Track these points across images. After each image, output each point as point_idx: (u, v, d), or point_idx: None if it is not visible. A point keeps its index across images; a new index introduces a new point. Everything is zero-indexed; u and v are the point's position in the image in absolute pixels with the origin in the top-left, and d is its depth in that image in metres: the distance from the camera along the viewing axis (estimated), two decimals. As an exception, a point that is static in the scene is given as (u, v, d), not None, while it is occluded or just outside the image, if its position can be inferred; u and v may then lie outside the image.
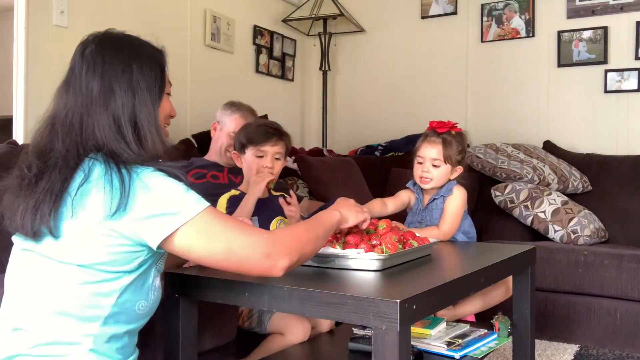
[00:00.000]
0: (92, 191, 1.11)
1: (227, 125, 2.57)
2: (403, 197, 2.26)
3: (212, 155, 2.59)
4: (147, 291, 1.20)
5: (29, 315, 1.13)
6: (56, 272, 1.12)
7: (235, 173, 2.58)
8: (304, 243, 1.23)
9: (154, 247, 1.13)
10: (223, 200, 2.01)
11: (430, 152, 2.13)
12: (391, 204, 2.20)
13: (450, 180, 2.17)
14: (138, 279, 1.17)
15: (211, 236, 1.15)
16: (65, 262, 1.12)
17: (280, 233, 1.25)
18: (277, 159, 2.02)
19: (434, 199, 2.17)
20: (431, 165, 2.12)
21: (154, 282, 1.22)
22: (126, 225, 1.11)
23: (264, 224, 2.03)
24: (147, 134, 1.20)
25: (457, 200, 2.13)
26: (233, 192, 2.06)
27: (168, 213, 1.11)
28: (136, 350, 1.26)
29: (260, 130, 2.01)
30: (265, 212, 2.04)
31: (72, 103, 1.19)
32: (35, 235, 1.11)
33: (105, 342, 1.15)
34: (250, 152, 2.00)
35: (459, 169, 2.16)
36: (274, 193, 2.11)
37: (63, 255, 1.12)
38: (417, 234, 1.67)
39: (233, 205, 1.99)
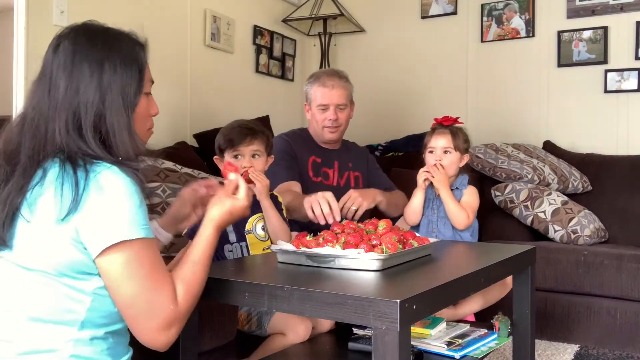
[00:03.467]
0: (44, 194, 1.07)
1: (313, 101, 2.59)
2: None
3: (318, 140, 2.63)
4: None
5: (6, 325, 1.10)
6: (25, 278, 1.09)
7: (345, 161, 2.63)
8: (196, 299, 1.17)
9: (93, 257, 1.07)
10: None
11: (440, 142, 2.28)
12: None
13: (459, 168, 2.31)
14: None
15: (131, 273, 1.07)
16: (30, 268, 1.09)
17: (185, 303, 1.13)
18: (255, 156, 2.00)
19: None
20: (442, 153, 2.28)
21: None
22: (77, 227, 1.05)
23: (241, 222, 2.00)
24: (116, 141, 1.13)
25: (474, 196, 2.28)
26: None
27: (112, 224, 1.05)
28: (129, 350, 1.23)
29: (235, 132, 2.00)
30: None
31: (40, 103, 1.13)
32: (1, 242, 1.09)
33: (86, 345, 1.11)
34: (228, 156, 1.99)
35: (467, 157, 2.33)
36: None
37: (26, 261, 1.09)
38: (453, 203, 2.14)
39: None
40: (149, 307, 1.08)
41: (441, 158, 2.26)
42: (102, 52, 1.14)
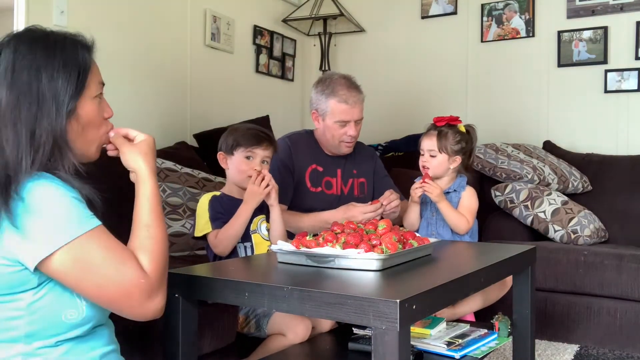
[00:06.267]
0: None
1: (329, 115, 2.46)
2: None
3: (327, 149, 2.56)
4: (73, 299, 1.10)
5: None
6: None
7: (349, 169, 2.59)
8: (166, 263, 1.16)
9: (31, 269, 1.04)
10: (205, 200, 1.99)
11: (426, 144, 2.29)
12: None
13: (455, 169, 2.29)
14: (50, 292, 1.08)
15: (86, 267, 1.05)
16: None
17: (155, 270, 1.11)
18: (264, 162, 2.04)
19: (447, 193, 2.26)
20: (429, 155, 2.28)
21: None
22: (5, 245, 1.03)
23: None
24: (42, 147, 1.08)
25: (473, 198, 2.28)
26: (214, 192, 2.04)
27: (45, 234, 1.02)
28: (103, 347, 1.17)
29: (252, 134, 2.03)
30: None
31: None
32: None
33: (35, 356, 1.08)
34: (239, 154, 2.01)
35: (458, 159, 2.28)
36: None
37: None
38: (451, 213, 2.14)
39: (214, 207, 1.96)
40: (119, 291, 1.07)
41: (428, 160, 2.27)
42: (40, 60, 1.10)
